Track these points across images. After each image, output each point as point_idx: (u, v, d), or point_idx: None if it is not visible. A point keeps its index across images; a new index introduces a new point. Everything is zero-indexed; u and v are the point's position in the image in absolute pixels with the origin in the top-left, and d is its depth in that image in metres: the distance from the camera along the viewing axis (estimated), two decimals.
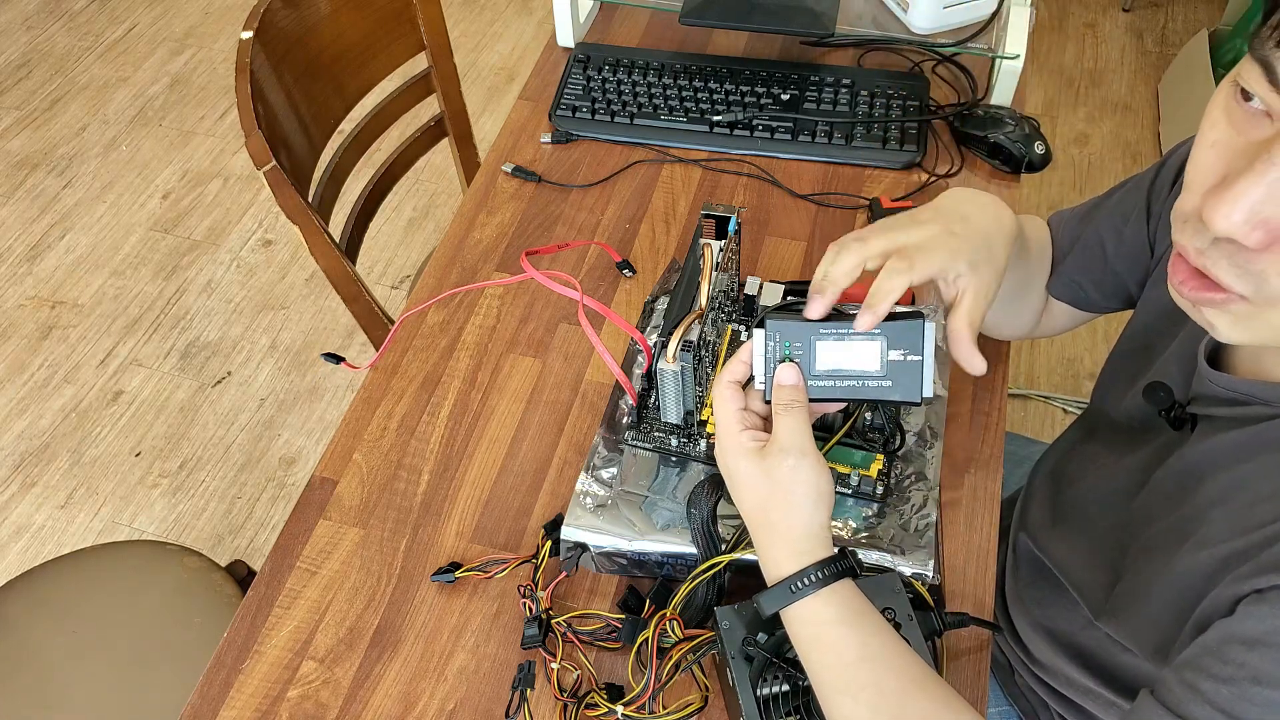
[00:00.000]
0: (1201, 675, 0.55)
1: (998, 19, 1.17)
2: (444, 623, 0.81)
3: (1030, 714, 0.93)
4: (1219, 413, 0.64)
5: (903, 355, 0.63)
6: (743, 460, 0.64)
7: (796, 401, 0.63)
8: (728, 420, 0.65)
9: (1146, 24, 2.63)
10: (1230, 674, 0.53)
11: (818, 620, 0.61)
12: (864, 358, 0.63)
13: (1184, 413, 0.67)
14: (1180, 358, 0.71)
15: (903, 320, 0.62)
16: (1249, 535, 0.58)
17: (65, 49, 2.70)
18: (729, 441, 0.65)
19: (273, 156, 1.01)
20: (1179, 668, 0.57)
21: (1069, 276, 0.84)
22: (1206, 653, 0.56)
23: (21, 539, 1.79)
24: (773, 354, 0.64)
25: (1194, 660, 0.56)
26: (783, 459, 0.62)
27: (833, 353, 0.63)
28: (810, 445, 0.62)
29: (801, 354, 0.64)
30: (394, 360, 0.98)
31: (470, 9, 2.77)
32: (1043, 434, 1.85)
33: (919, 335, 0.62)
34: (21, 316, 2.11)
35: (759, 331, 0.64)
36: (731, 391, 0.66)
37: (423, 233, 2.24)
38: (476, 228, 1.09)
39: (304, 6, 1.17)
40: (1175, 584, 0.64)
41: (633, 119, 1.15)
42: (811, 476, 0.62)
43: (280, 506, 1.82)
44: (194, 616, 1.11)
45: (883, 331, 0.62)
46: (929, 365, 0.63)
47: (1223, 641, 0.55)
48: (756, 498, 0.63)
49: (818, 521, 0.62)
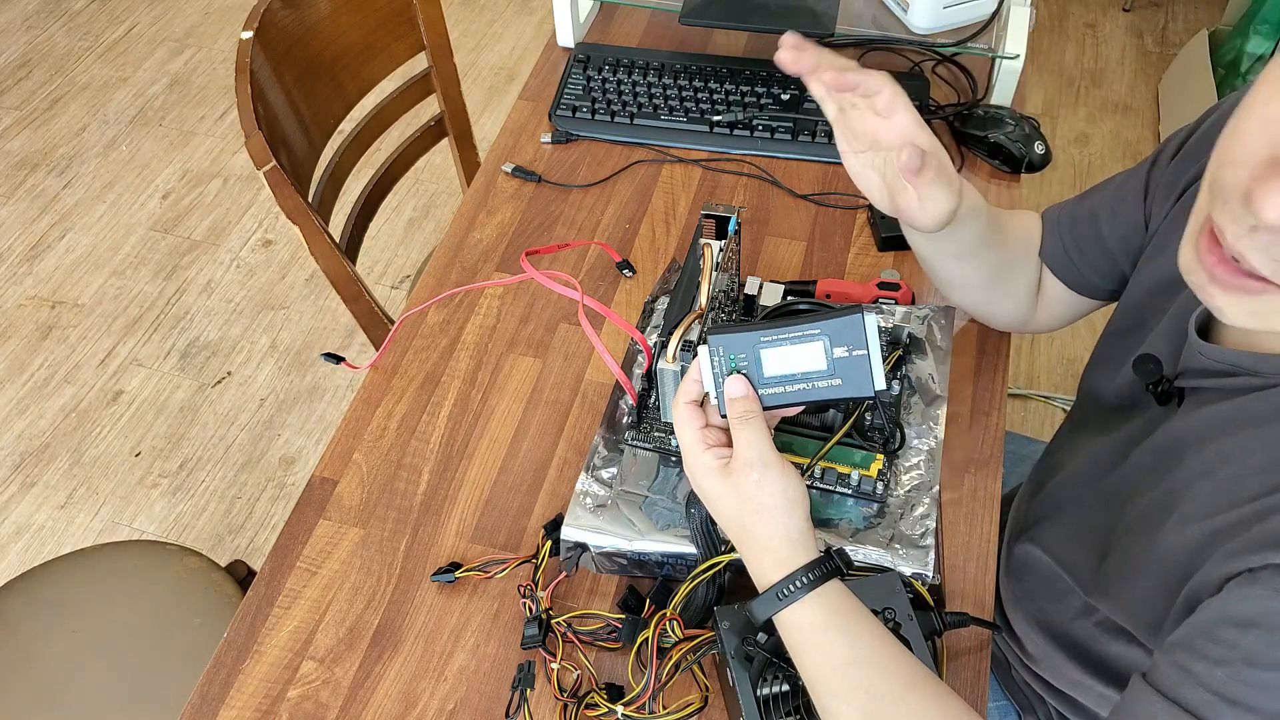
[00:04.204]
0: (1193, 657, 0.54)
1: (998, 19, 1.17)
2: (444, 623, 0.81)
3: (1027, 708, 0.93)
4: (1206, 384, 0.64)
5: (848, 351, 0.62)
6: (709, 480, 0.64)
7: (750, 413, 0.63)
8: (689, 443, 0.65)
9: (1146, 24, 2.63)
10: (1223, 655, 0.53)
11: (807, 625, 0.61)
12: (809, 359, 0.63)
13: (1171, 387, 0.67)
14: (1170, 333, 0.70)
15: (841, 317, 0.62)
16: (1238, 509, 0.57)
17: (65, 49, 2.70)
18: (694, 464, 0.65)
19: (273, 156, 1.01)
20: (1170, 649, 0.57)
21: (1064, 253, 0.85)
22: (1198, 634, 0.55)
23: (21, 539, 1.79)
24: (720, 368, 0.64)
25: (1185, 641, 0.56)
26: (747, 473, 0.62)
27: (778, 358, 0.63)
28: (771, 455, 0.62)
29: (748, 364, 0.64)
30: (394, 360, 0.98)
31: (470, 9, 2.77)
32: (1043, 434, 1.85)
33: (860, 329, 0.62)
34: (21, 316, 2.11)
35: (702, 349, 0.64)
36: (689, 413, 0.65)
37: (423, 233, 2.24)
38: (476, 228, 1.09)
39: (304, 6, 1.17)
40: (1163, 560, 0.63)
41: (633, 119, 1.15)
42: (778, 486, 0.61)
43: (280, 506, 1.82)
44: (194, 616, 1.11)
45: (823, 331, 0.62)
46: (876, 358, 0.62)
47: (1215, 623, 0.54)
48: (731, 514, 0.63)
49: (795, 527, 0.62)
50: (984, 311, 0.91)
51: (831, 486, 0.77)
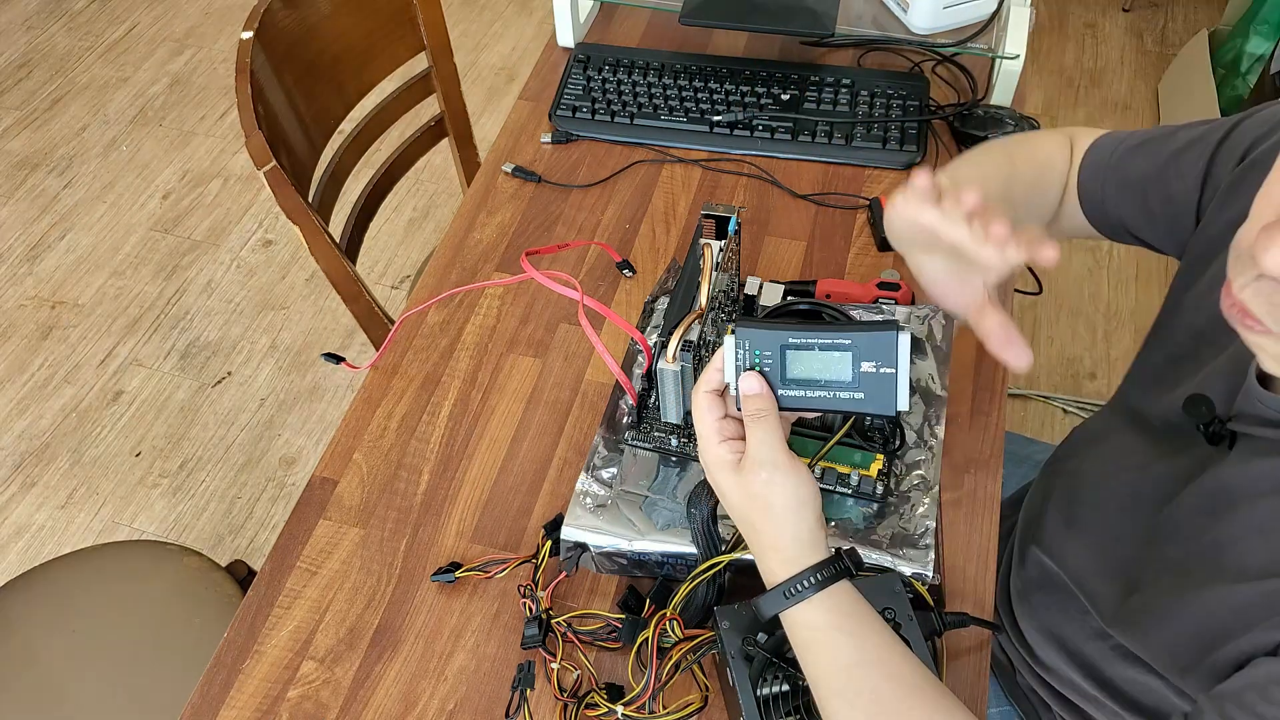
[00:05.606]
0: (1243, 711, 0.55)
1: (998, 19, 1.17)
2: (444, 623, 0.81)
3: (1032, 715, 0.93)
4: (1262, 434, 0.62)
5: (876, 367, 0.61)
6: (721, 474, 0.63)
7: (764, 411, 0.62)
8: (706, 433, 0.64)
9: (1146, 24, 2.63)
10: (1275, 715, 0.53)
11: (813, 625, 0.61)
12: (834, 368, 0.62)
13: (1223, 428, 0.65)
14: (1228, 372, 0.68)
15: (875, 331, 0.60)
16: None
17: (65, 49, 2.70)
18: (708, 455, 0.64)
19: (273, 156, 1.01)
20: (1218, 698, 0.57)
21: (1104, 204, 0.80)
22: (1250, 688, 0.56)
23: (21, 539, 1.79)
24: (743, 362, 0.63)
25: (1236, 695, 0.56)
26: (757, 472, 0.61)
27: (803, 362, 0.62)
28: (782, 455, 0.61)
29: (771, 362, 0.63)
30: (394, 360, 0.98)
31: (470, 9, 2.77)
32: (1043, 434, 1.85)
33: (892, 347, 0.60)
34: (21, 316, 2.11)
35: (729, 339, 0.63)
36: (709, 401, 0.64)
37: (423, 233, 2.24)
38: (476, 228, 1.09)
39: (304, 6, 1.17)
40: (1205, 611, 0.63)
41: (633, 119, 1.15)
42: (788, 487, 0.61)
43: (280, 506, 1.82)
44: (194, 616, 1.11)
45: (854, 342, 0.61)
46: (904, 378, 0.61)
47: (1271, 681, 0.55)
48: (740, 510, 0.63)
49: (805, 528, 0.61)
50: None
51: (831, 486, 0.77)
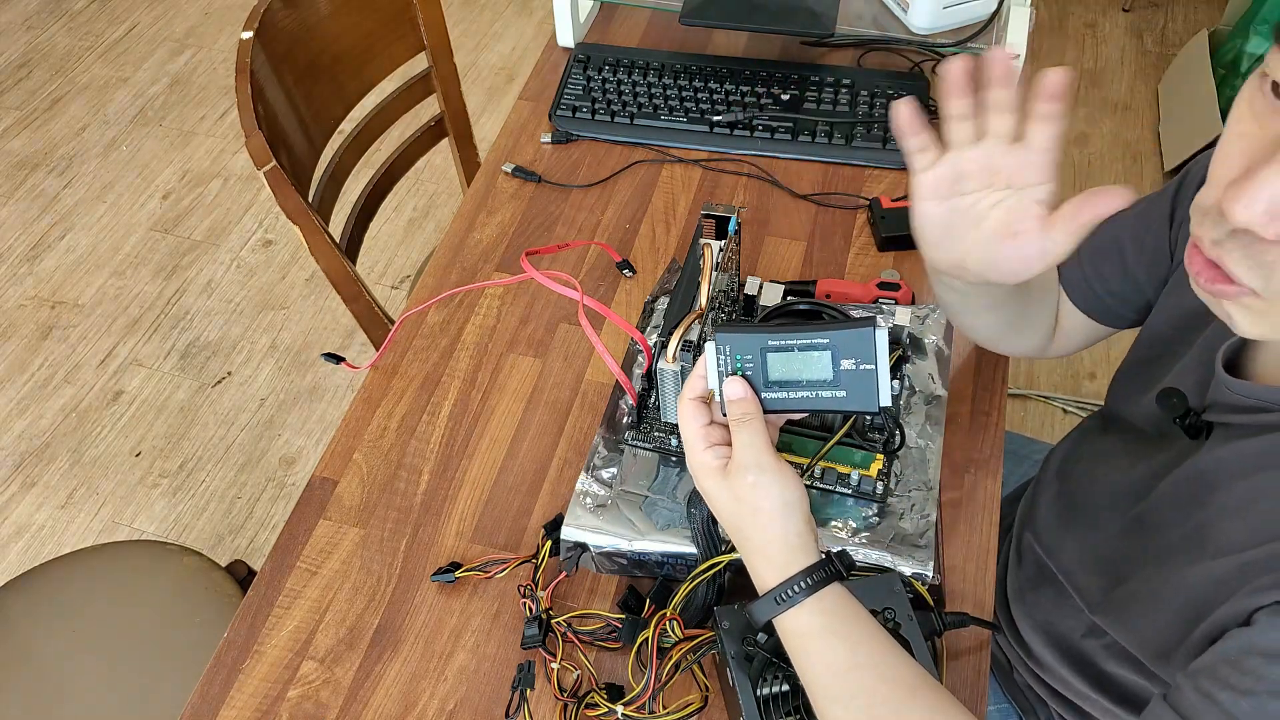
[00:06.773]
0: (1218, 685, 0.55)
1: (998, 19, 1.17)
2: (444, 623, 0.81)
3: (1028, 711, 0.93)
4: (1236, 420, 0.64)
5: (855, 364, 0.61)
6: (708, 480, 0.63)
7: (749, 415, 0.62)
8: (691, 439, 0.64)
9: (1146, 24, 2.63)
10: (1249, 686, 0.53)
11: (806, 630, 0.60)
12: (815, 368, 0.62)
13: (1199, 420, 0.66)
14: (1197, 365, 0.70)
15: (852, 329, 0.61)
16: (1269, 545, 0.58)
17: (65, 49, 2.70)
18: (694, 461, 0.64)
19: (273, 156, 1.01)
20: (1194, 675, 0.57)
21: (1086, 283, 0.83)
22: (1224, 662, 0.56)
23: (21, 539, 1.79)
24: (725, 367, 0.64)
25: (1210, 669, 0.56)
26: (743, 476, 0.61)
27: (784, 364, 0.63)
28: (768, 458, 0.61)
29: (753, 365, 0.63)
30: (394, 360, 0.98)
31: (470, 9, 2.77)
32: (1043, 434, 1.85)
33: (870, 344, 0.61)
34: (21, 316, 2.11)
35: (709, 345, 0.64)
36: (694, 409, 0.64)
37: (423, 233, 2.24)
38: (476, 228, 1.09)
39: (304, 6, 1.17)
40: (1185, 591, 0.63)
41: (633, 119, 1.15)
42: (774, 490, 0.60)
43: (280, 506, 1.82)
44: (194, 616, 1.11)
45: (831, 341, 0.61)
46: (883, 373, 0.61)
47: (1242, 652, 0.55)
48: (728, 516, 0.63)
49: (793, 531, 0.61)
50: (1004, 347, 0.88)
51: (831, 486, 0.77)
